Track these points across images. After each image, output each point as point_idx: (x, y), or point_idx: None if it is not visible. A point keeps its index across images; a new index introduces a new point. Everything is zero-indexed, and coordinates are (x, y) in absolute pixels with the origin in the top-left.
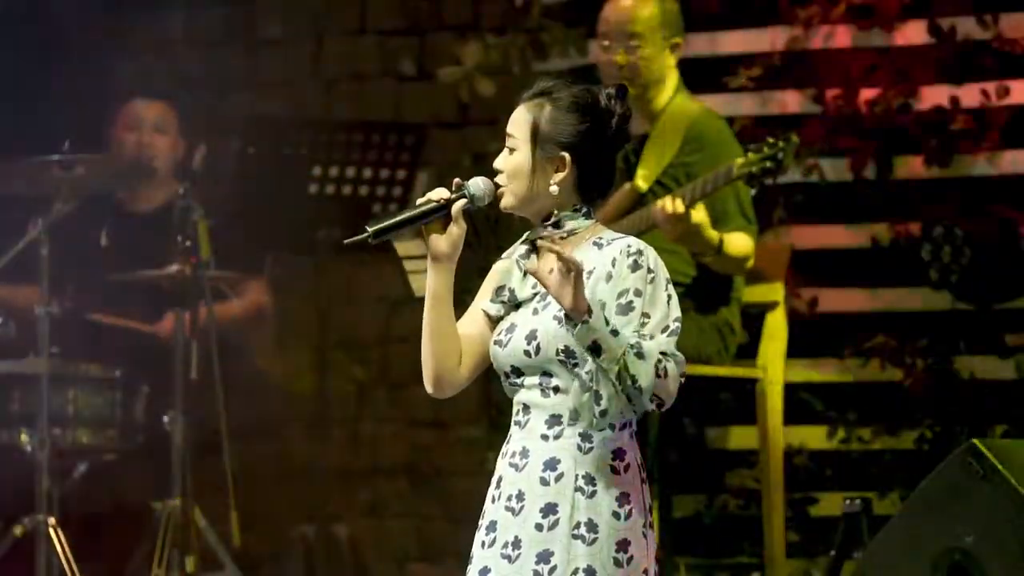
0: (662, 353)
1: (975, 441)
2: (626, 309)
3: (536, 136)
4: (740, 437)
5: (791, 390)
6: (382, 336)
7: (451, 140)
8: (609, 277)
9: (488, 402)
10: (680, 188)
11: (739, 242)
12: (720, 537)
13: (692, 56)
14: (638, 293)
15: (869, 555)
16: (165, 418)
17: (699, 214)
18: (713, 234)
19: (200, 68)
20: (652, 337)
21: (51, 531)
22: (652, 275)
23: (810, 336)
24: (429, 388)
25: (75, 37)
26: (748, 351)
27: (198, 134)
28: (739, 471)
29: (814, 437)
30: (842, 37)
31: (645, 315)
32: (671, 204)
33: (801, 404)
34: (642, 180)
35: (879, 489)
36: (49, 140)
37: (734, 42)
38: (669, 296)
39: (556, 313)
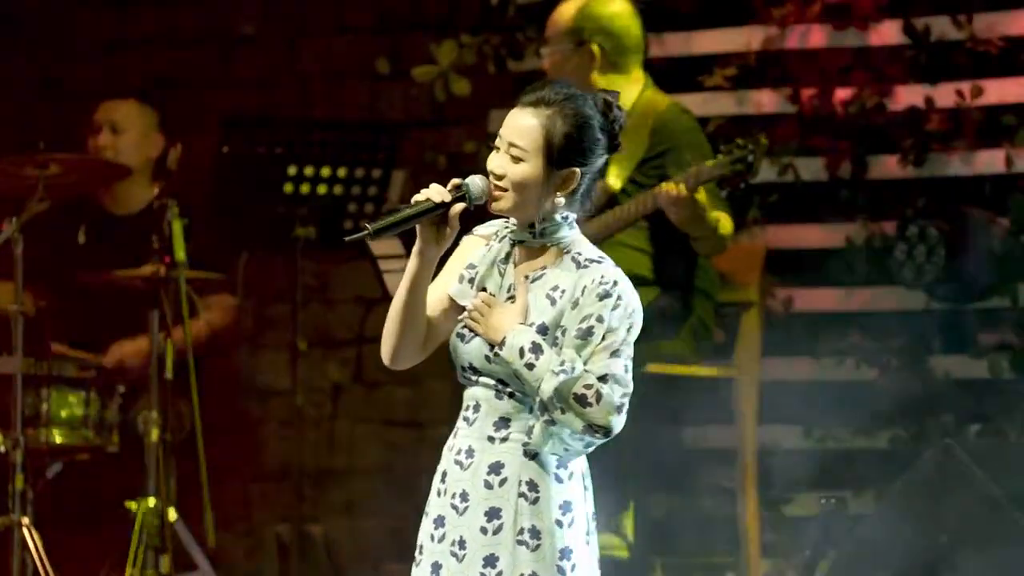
0: (600, 377)
1: (949, 441)
2: (586, 334)
3: (550, 153)
4: (715, 436)
5: (766, 389)
6: (357, 336)
7: (426, 139)
8: (576, 304)
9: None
10: (675, 176)
11: (725, 221)
12: (695, 536)
13: (667, 56)
14: (600, 320)
15: (844, 554)
16: (140, 418)
17: (701, 194)
18: (713, 214)
19: (175, 67)
20: (589, 360)
21: (25, 531)
22: (619, 303)
23: (785, 336)
24: (386, 360)
25: (49, 35)
26: (723, 351)
27: (173, 133)
28: (714, 470)
29: (789, 436)
30: (817, 37)
31: (603, 339)
32: (675, 189)
33: (776, 403)
34: (615, 179)
35: (854, 488)
36: (24, 139)
37: (709, 42)
38: (630, 326)
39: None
